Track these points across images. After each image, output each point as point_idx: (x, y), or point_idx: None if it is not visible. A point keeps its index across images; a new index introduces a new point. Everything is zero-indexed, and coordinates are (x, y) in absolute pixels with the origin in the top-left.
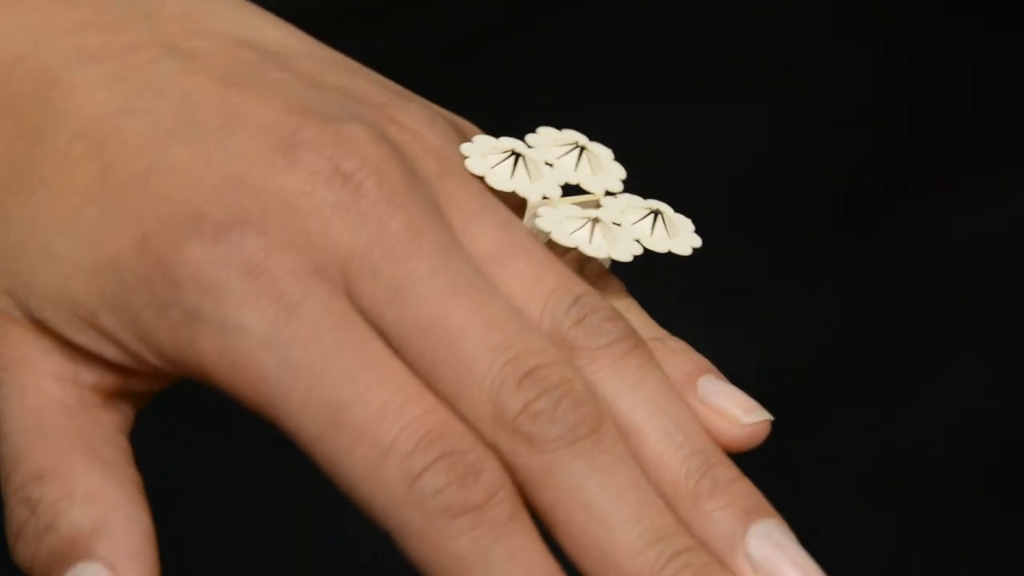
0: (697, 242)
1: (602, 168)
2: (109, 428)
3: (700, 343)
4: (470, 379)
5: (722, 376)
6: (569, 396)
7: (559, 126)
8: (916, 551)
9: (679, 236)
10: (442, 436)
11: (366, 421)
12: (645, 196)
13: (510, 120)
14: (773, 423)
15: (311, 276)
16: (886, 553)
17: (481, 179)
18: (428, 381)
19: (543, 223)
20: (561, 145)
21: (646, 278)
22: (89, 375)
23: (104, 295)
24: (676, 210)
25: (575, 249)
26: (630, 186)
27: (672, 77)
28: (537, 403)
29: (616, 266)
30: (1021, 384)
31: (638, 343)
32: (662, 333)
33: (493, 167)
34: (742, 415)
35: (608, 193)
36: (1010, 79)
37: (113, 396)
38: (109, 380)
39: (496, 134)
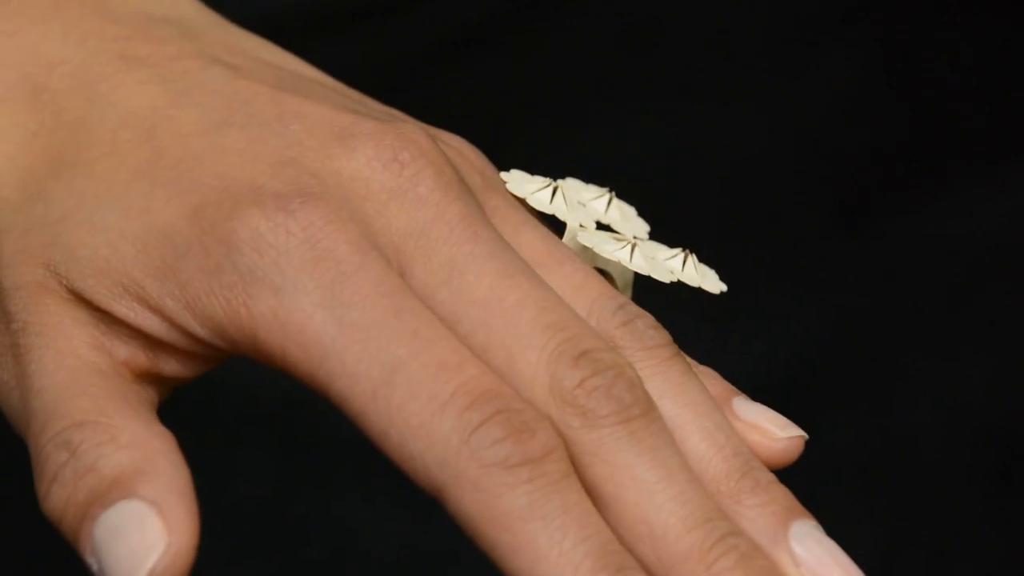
0: (724, 287)
1: (628, 219)
2: (143, 395)
3: (698, 343)
4: (526, 353)
5: (750, 399)
6: (623, 378)
7: (556, 126)
8: (915, 548)
9: (707, 278)
10: (499, 396)
11: (423, 377)
12: (642, 193)
13: (508, 120)
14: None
15: (369, 249)
16: (884, 550)
17: (521, 201)
18: (481, 358)
19: (585, 239)
20: (590, 193)
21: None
22: (122, 350)
23: (152, 263)
24: (673, 207)
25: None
26: (627, 184)
27: (668, 76)
28: (593, 379)
29: None
30: (1019, 381)
31: (680, 352)
32: (691, 360)
33: (533, 193)
34: (777, 430)
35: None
36: (1007, 78)
37: (141, 377)
38: (140, 358)
39: (496, 133)
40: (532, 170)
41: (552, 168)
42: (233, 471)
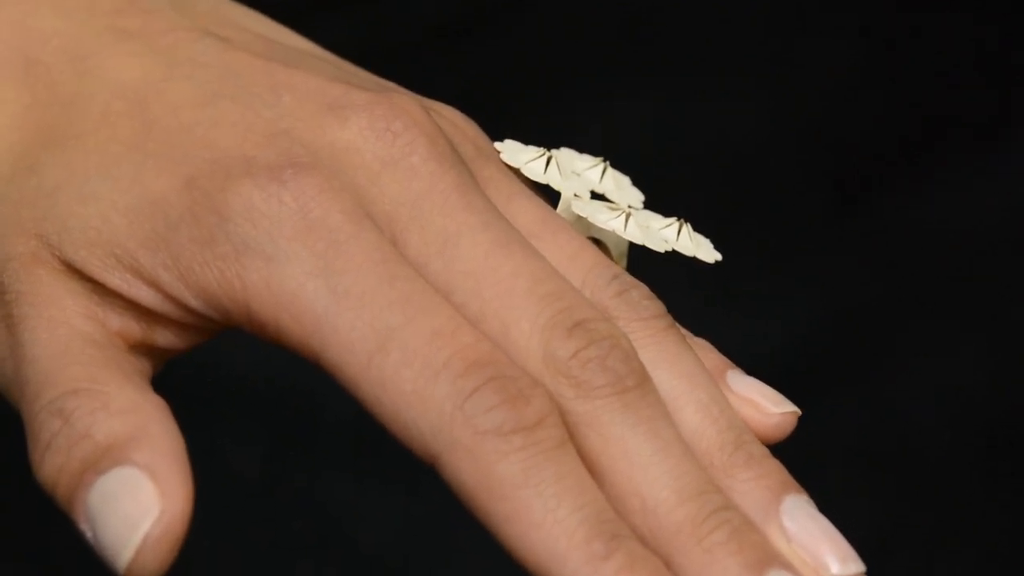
0: (719, 256)
1: (623, 188)
2: (136, 365)
3: (693, 328)
4: (520, 324)
5: (745, 373)
6: (618, 349)
7: (555, 113)
8: (912, 539)
9: (702, 247)
10: (493, 363)
11: (417, 344)
12: (642, 180)
13: (506, 107)
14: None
15: (362, 217)
16: (881, 541)
17: (515, 171)
18: (475, 329)
19: (579, 208)
20: (585, 162)
21: (636, 267)
22: (115, 321)
23: (145, 234)
24: (669, 193)
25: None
26: (626, 171)
27: (668, 65)
28: (588, 350)
29: None
30: (1019, 373)
31: (674, 323)
32: (685, 332)
33: (526, 163)
34: (771, 405)
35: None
36: (1007, 66)
37: (135, 348)
38: (134, 329)
39: (490, 119)
40: None
41: None
42: (220, 453)
